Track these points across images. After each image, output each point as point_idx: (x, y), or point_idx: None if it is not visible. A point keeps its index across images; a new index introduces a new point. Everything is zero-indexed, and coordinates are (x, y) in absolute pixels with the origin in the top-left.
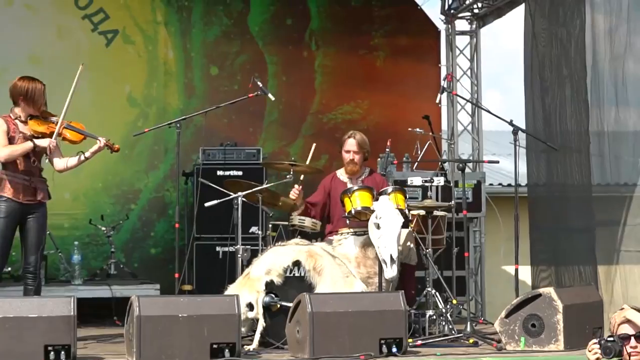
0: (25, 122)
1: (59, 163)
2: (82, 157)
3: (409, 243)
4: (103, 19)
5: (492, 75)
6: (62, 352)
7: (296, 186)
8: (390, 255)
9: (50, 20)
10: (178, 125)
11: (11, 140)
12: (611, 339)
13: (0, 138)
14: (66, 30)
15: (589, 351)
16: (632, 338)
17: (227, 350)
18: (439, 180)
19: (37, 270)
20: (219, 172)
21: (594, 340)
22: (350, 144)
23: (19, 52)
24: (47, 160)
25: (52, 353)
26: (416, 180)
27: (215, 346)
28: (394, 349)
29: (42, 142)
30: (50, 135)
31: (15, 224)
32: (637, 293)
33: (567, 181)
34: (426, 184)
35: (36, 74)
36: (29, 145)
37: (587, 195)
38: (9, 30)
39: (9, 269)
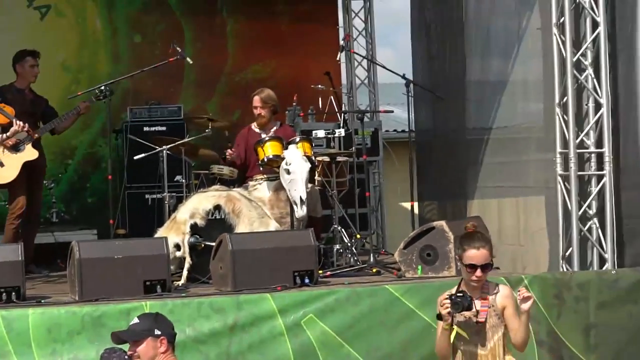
0: None
1: None
2: (3, 136)
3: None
4: None
5: (384, 34)
6: (13, 293)
7: (229, 150)
8: (300, 197)
9: None
10: (107, 88)
11: None
12: (460, 294)
13: None
14: (3, 7)
15: (441, 305)
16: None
17: (158, 286)
18: (340, 132)
19: None
20: (145, 128)
21: (445, 295)
22: (255, 100)
23: None
24: None
25: (4, 294)
26: (320, 133)
27: (148, 283)
28: (307, 280)
29: None
30: None
31: None
32: (492, 225)
33: (448, 126)
34: (329, 136)
35: None
36: None
37: (461, 138)
38: None
39: None
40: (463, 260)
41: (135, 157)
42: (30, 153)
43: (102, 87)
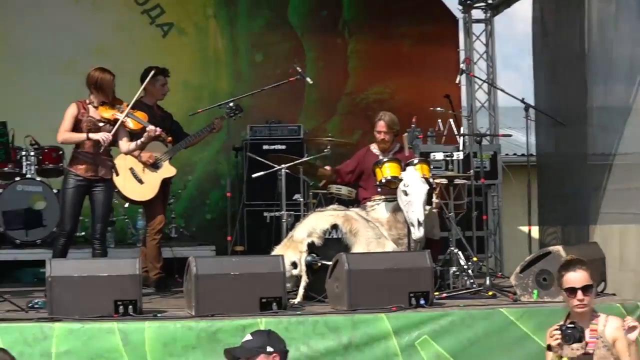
0: (97, 107)
1: (123, 146)
2: (139, 142)
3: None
4: (159, 14)
5: (509, 56)
6: (130, 307)
7: (327, 167)
8: (417, 218)
9: (113, 15)
10: (228, 105)
11: (78, 123)
12: (572, 325)
13: (66, 121)
14: (127, 24)
15: (550, 336)
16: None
17: (274, 303)
18: (459, 155)
19: (102, 237)
20: (265, 147)
21: (555, 326)
22: (380, 125)
23: (87, 44)
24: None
25: (121, 307)
26: (438, 155)
27: (264, 300)
28: (422, 302)
29: (95, 136)
30: (113, 122)
31: (81, 195)
32: (614, 251)
33: (569, 151)
34: (447, 158)
35: (102, 63)
36: (82, 136)
37: (583, 163)
38: (78, 26)
39: (83, 233)
40: (562, 286)
41: (254, 175)
42: (168, 170)
43: (231, 104)
